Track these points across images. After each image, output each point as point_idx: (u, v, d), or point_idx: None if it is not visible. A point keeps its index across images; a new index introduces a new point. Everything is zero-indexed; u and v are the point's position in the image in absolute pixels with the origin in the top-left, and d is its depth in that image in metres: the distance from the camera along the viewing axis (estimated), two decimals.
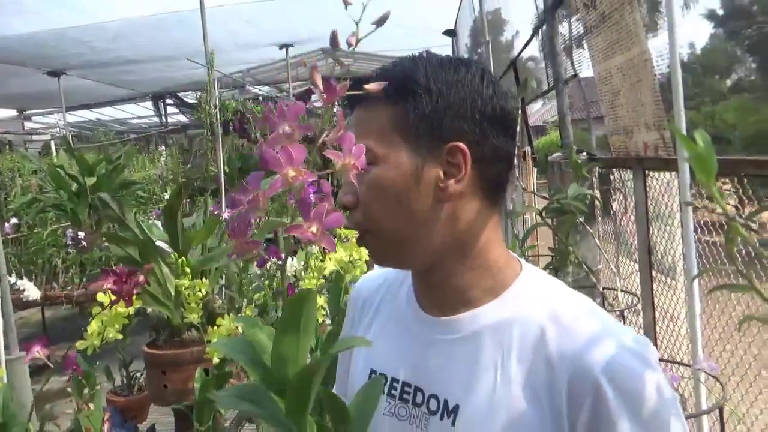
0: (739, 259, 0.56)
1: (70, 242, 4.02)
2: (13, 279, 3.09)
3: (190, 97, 10.41)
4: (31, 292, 3.09)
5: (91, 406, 0.98)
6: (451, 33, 7.75)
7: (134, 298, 1.19)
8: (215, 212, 2.31)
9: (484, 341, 0.65)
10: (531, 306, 0.65)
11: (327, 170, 0.50)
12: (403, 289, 0.77)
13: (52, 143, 9.20)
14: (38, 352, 0.91)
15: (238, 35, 6.99)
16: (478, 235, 0.68)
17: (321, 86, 0.47)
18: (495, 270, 0.69)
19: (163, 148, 7.43)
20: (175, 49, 7.05)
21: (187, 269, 1.46)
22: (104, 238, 3.09)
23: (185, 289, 1.47)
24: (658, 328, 1.96)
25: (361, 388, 0.55)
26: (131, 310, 1.23)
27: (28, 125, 11.26)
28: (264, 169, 0.45)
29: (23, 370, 1.96)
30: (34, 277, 4.32)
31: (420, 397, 0.68)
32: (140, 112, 11.62)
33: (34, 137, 10.86)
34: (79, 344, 1.15)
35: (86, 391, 1.01)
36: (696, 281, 1.32)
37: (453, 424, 0.64)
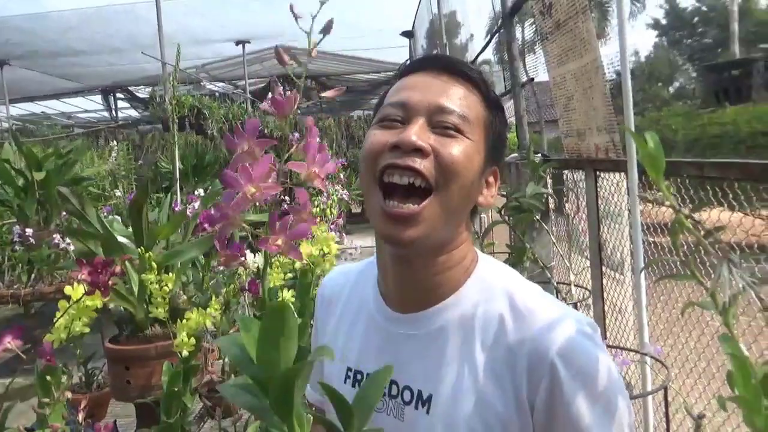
0: (682, 254, 0.63)
1: (17, 239, 3.88)
2: None
3: (141, 92, 10.14)
4: None
5: (69, 394, 0.98)
6: (408, 34, 7.84)
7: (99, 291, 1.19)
8: (176, 208, 2.29)
9: (450, 334, 0.70)
10: (490, 296, 0.71)
11: (290, 182, 0.49)
12: (368, 287, 0.80)
13: None
14: (9, 343, 0.91)
15: (193, 30, 6.88)
16: (464, 237, 0.74)
17: (275, 102, 0.47)
18: (465, 266, 0.74)
19: (115, 143, 7.22)
20: (127, 42, 6.88)
21: (154, 264, 1.46)
22: (60, 234, 3.00)
23: (151, 283, 1.47)
24: (607, 321, 2.07)
25: (366, 382, 0.57)
26: (98, 303, 1.23)
27: None
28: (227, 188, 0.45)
29: None
30: None
31: (395, 389, 0.72)
32: (88, 106, 11.25)
33: None
34: (47, 338, 1.14)
35: (64, 380, 1.00)
36: (643, 276, 1.41)
37: (428, 412, 0.69)
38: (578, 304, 1.96)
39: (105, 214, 3.86)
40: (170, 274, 1.60)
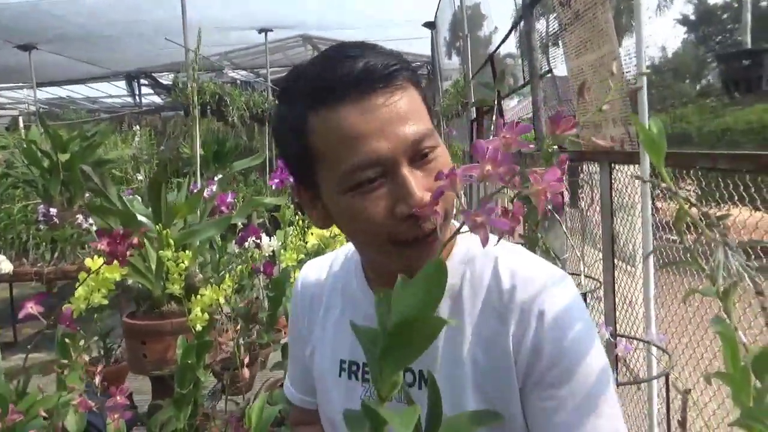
0: (691, 246, 0.64)
1: (42, 218, 3.98)
2: None
3: (165, 78, 10.26)
4: (4, 265, 3.06)
5: (86, 357, 1.03)
6: (430, 25, 7.81)
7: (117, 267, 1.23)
8: (194, 190, 2.34)
9: (441, 310, 0.69)
10: (474, 263, 0.71)
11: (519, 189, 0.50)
12: (350, 277, 0.79)
13: (20, 119, 8.99)
14: (31, 308, 0.95)
15: (216, 17, 6.92)
16: None
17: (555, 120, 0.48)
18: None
19: (137, 128, 7.33)
20: (151, 28, 6.96)
21: (171, 241, 1.51)
22: (83, 211, 3.08)
23: (168, 260, 1.51)
24: (617, 313, 2.07)
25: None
26: (117, 276, 1.27)
27: None
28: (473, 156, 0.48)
29: None
30: (2, 253, 4.26)
31: None
32: (113, 92, 11.41)
33: (1, 112, 10.59)
34: (67, 305, 1.19)
35: (81, 343, 1.05)
36: (651, 262, 1.42)
37: None
38: (588, 294, 1.96)
39: (126, 195, 3.94)
40: (187, 251, 1.65)
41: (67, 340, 1.01)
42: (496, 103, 2.47)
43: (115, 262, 0.98)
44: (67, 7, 6.29)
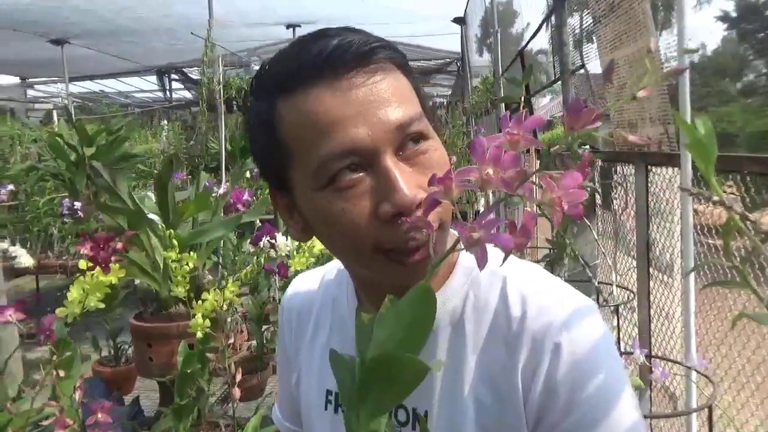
0: (737, 258, 0.53)
1: (67, 212, 4.01)
2: (5, 245, 3.07)
3: (195, 74, 10.32)
4: (24, 259, 3.07)
5: (62, 373, 0.96)
6: (460, 21, 7.65)
7: (119, 268, 1.16)
8: (209, 186, 2.27)
9: (440, 338, 0.60)
10: (479, 285, 0.61)
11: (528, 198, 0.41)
12: (343, 298, 0.69)
13: (54, 112, 9.16)
14: (10, 316, 0.89)
15: (244, 12, 6.92)
16: None
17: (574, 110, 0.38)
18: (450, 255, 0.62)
19: (165, 122, 7.37)
20: (180, 23, 6.99)
21: (175, 242, 1.43)
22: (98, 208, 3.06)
23: (172, 262, 1.44)
24: (653, 326, 1.93)
25: None
26: (113, 279, 1.20)
27: (30, 93, 11.20)
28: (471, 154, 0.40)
29: (12, 337, 1.95)
30: (29, 245, 4.31)
31: None
32: (144, 86, 11.54)
33: (36, 106, 10.82)
34: (59, 311, 1.12)
35: (54, 358, 0.98)
36: (693, 280, 1.29)
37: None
38: (621, 306, 1.83)
39: (151, 191, 3.93)
40: (194, 253, 1.58)
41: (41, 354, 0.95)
42: (523, 99, 2.34)
43: (98, 268, 0.91)
44: (96, 2, 6.34)
